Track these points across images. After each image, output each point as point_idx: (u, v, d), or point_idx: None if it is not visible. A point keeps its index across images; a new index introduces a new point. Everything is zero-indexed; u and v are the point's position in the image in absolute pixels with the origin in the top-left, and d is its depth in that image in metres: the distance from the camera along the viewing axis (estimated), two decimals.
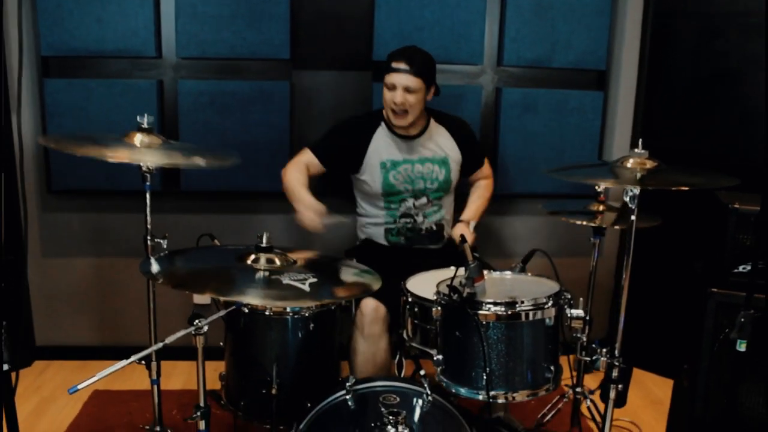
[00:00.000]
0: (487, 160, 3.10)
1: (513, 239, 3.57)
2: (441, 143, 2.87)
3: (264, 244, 2.00)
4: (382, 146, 2.80)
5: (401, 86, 2.64)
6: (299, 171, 2.77)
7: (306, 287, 1.85)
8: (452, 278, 2.08)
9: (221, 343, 2.33)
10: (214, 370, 2.34)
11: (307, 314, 2.21)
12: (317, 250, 2.28)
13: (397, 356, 2.66)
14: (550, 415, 2.74)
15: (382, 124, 2.82)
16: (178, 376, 3.28)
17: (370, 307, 2.44)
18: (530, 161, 3.38)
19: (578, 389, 2.68)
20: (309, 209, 2.59)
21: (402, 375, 2.68)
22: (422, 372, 2.41)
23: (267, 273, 1.94)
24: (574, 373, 2.65)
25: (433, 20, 3.20)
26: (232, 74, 3.23)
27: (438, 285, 2.16)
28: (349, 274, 2.17)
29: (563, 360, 2.19)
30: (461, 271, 2.06)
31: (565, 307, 2.09)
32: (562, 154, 3.38)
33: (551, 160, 3.35)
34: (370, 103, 3.25)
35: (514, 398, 2.07)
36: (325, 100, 3.00)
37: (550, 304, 2.04)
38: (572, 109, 3.34)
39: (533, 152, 3.37)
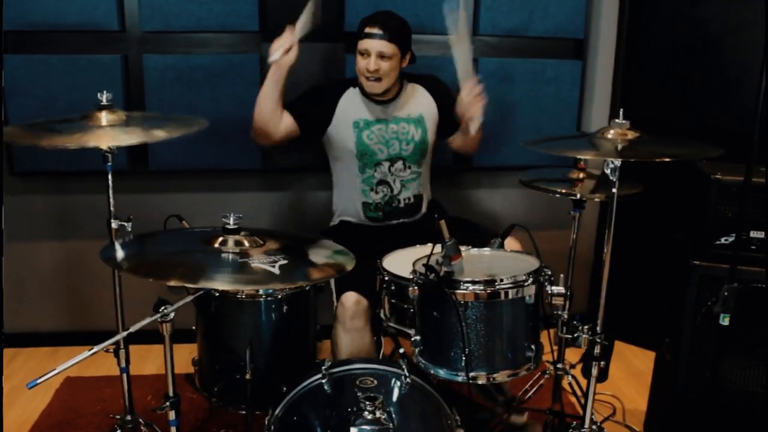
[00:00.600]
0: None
1: (491, 213, 3.52)
2: (417, 102, 2.81)
3: (231, 226, 1.92)
4: (352, 106, 2.73)
5: (375, 52, 2.57)
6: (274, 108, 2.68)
7: (276, 270, 1.78)
8: (429, 256, 2.01)
9: (194, 327, 2.26)
10: (190, 353, 2.28)
11: (280, 296, 2.15)
12: (290, 229, 2.21)
13: (376, 336, 2.61)
14: (531, 392, 2.71)
15: (354, 87, 2.75)
16: (154, 360, 3.21)
17: (351, 300, 2.36)
18: (508, 133, 3.31)
19: (559, 365, 2.65)
20: (277, 47, 2.56)
21: (381, 354, 2.62)
22: (402, 350, 2.37)
23: (235, 256, 1.86)
24: (555, 348, 2.61)
25: None
26: (199, 47, 3.11)
27: (414, 264, 2.10)
28: (321, 255, 2.10)
29: (544, 335, 2.14)
30: (438, 249, 2.00)
31: (546, 284, 2.04)
32: (541, 125, 3.32)
33: (529, 131, 3.29)
34: (343, 74, 3.16)
35: (494, 378, 2.02)
36: (297, 73, 2.89)
37: (530, 281, 1.98)
38: (550, 78, 3.27)
39: (511, 123, 3.30)
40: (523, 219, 2.84)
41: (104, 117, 2.22)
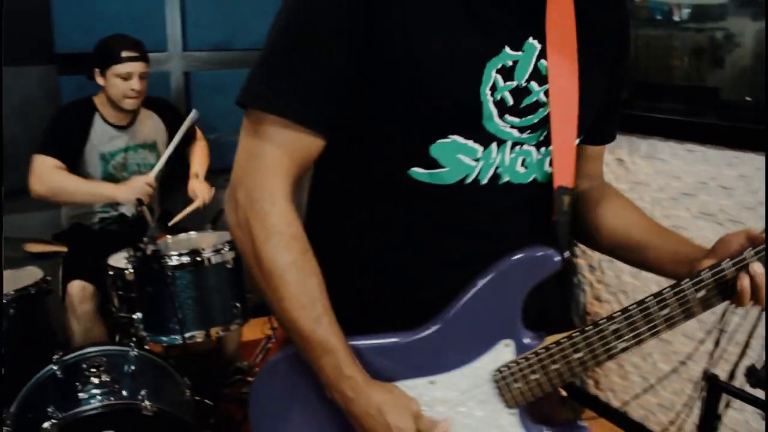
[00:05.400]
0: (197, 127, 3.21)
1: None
2: (150, 127, 2.93)
3: None
4: (99, 137, 2.77)
5: (137, 74, 2.68)
6: (59, 173, 2.58)
7: None
8: (138, 241, 2.27)
9: None
10: None
11: (5, 301, 2.26)
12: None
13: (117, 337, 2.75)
14: (260, 357, 2.98)
15: (97, 114, 2.78)
16: None
17: (77, 287, 2.52)
18: (228, 143, 3.60)
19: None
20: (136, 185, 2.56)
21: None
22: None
23: None
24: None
25: (113, 11, 3.30)
26: None
27: (128, 251, 2.34)
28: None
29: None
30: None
31: None
32: None
33: None
34: (58, 96, 3.27)
35: (209, 335, 2.32)
36: (10, 99, 2.98)
37: (227, 248, 2.33)
38: None
39: (227, 128, 3.62)
40: None
41: None
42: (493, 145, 1.01)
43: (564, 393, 2.77)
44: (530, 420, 1.08)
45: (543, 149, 1.05)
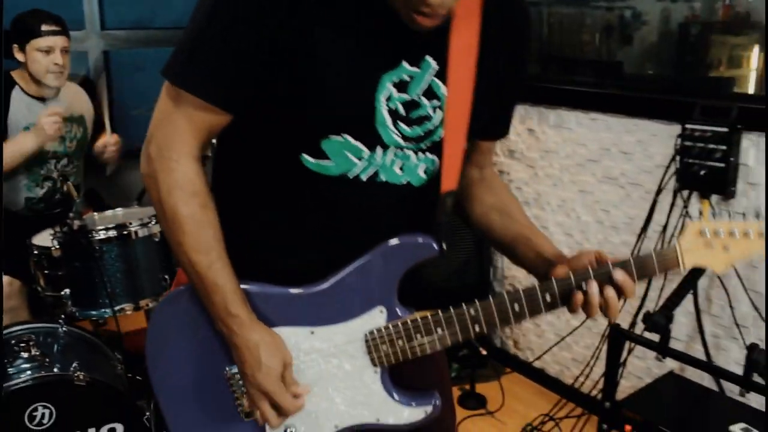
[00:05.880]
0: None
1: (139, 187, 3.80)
2: (78, 101, 2.91)
3: None
4: (20, 111, 2.73)
5: (59, 47, 2.66)
6: None
7: None
8: (63, 218, 2.28)
9: None
10: None
11: None
12: None
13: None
14: None
15: (17, 87, 2.74)
16: None
17: (4, 282, 2.49)
18: (147, 118, 3.62)
19: None
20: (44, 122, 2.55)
21: None
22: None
23: None
24: None
25: None
26: None
27: (53, 228, 2.34)
28: None
29: None
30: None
31: None
32: None
33: None
34: None
35: (139, 307, 2.36)
36: None
37: (154, 222, 2.36)
38: None
39: (150, 107, 3.62)
40: None
41: None
42: (379, 149, 1.14)
43: (484, 352, 2.93)
44: (390, 380, 1.23)
45: (422, 156, 1.19)
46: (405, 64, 1.11)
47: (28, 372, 2.05)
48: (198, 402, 1.24)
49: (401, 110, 1.13)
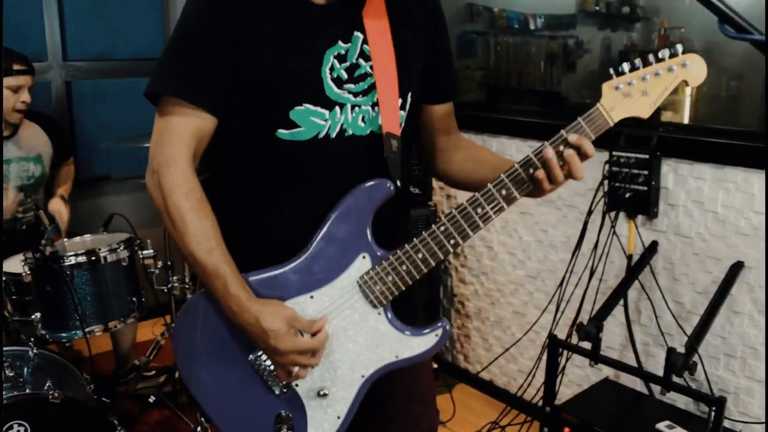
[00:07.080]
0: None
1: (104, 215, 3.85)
2: (35, 140, 2.99)
3: None
4: None
5: (27, 86, 2.76)
6: None
7: None
8: (33, 246, 2.39)
9: None
10: None
11: None
12: None
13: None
14: (154, 353, 3.09)
15: None
16: None
17: None
18: (111, 148, 3.66)
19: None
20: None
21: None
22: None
23: None
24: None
25: None
26: None
27: (24, 254, 2.45)
28: None
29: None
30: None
31: (137, 249, 2.57)
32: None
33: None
34: None
35: (109, 328, 2.48)
36: None
37: (122, 248, 2.49)
38: (141, 95, 3.76)
39: (110, 137, 3.71)
40: (138, 214, 3.26)
41: None
42: (337, 108, 1.35)
43: (435, 365, 3.09)
44: (396, 319, 1.36)
45: (376, 108, 1.39)
46: (340, 42, 1.35)
47: (3, 391, 2.15)
48: (237, 395, 1.35)
49: (344, 75, 1.35)
